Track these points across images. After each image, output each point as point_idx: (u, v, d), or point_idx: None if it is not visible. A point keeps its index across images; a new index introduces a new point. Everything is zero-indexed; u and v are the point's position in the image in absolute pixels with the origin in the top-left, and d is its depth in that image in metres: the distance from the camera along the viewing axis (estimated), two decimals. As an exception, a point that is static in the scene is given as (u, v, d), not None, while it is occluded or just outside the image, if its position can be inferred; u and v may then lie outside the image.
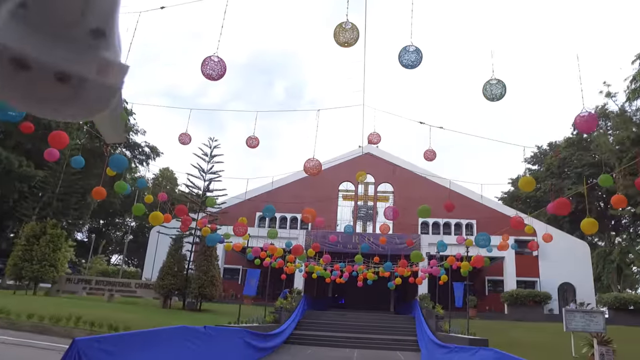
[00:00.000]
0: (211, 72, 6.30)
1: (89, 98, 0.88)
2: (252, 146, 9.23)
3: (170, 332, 8.06)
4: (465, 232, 36.37)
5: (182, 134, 9.30)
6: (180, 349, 8.31)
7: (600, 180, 8.22)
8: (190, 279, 25.20)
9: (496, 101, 6.70)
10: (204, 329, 9.73)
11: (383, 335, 22.42)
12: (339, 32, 5.90)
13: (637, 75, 30.76)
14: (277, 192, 38.88)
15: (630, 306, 29.35)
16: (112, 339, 6.16)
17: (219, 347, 10.53)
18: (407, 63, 6.31)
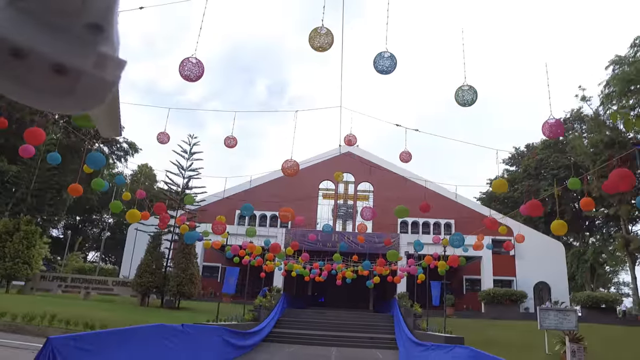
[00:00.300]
0: (189, 74, 6.27)
1: (86, 91, 0.87)
2: (230, 146, 9.22)
3: (148, 330, 8.02)
4: (443, 232, 36.82)
5: (160, 133, 9.23)
6: (158, 347, 8.26)
7: (569, 184, 8.46)
8: (168, 277, 24.97)
9: (468, 106, 6.86)
10: (182, 327, 9.69)
11: (362, 334, 22.58)
12: (314, 37, 5.95)
13: (611, 80, 31.51)
14: (256, 190, 38.80)
15: (602, 305, 30.10)
16: (88, 337, 6.10)
17: (197, 345, 10.50)
18: (381, 69, 6.40)
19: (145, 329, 7.94)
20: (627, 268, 40.51)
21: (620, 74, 30.71)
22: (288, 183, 34.76)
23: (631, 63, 30.01)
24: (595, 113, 35.14)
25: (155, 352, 8.12)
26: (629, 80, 29.51)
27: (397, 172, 36.57)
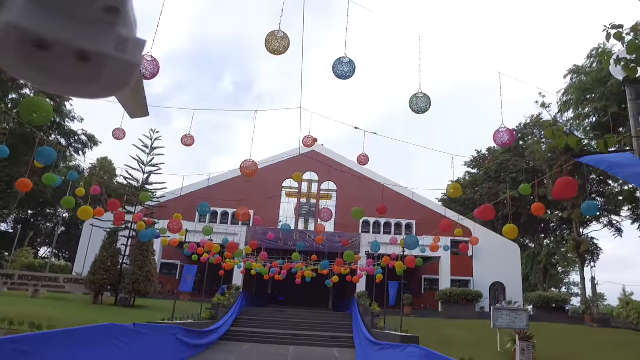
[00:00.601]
0: (144, 72, 6.08)
1: (112, 76, 0.89)
2: (188, 144, 9.02)
3: (97, 331, 7.74)
4: (404, 232, 37.29)
5: (116, 129, 8.94)
6: (108, 348, 8.00)
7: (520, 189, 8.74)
8: (124, 274, 24.29)
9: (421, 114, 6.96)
10: (134, 327, 9.44)
11: (320, 332, 22.63)
12: (270, 40, 5.91)
13: (568, 88, 32.70)
14: (219, 187, 38.30)
15: (553, 304, 31.21)
16: (29, 339, 5.82)
17: (150, 345, 10.24)
18: (340, 74, 6.41)
19: (94, 329, 7.66)
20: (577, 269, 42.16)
21: (577, 83, 31.93)
22: (251, 180, 34.44)
23: (587, 73, 31.23)
24: (554, 119, 36.42)
25: (105, 353, 7.86)
26: (585, 89, 30.69)
27: (360, 172, 36.78)
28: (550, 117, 37.06)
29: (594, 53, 31.26)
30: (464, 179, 52.92)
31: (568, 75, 33.49)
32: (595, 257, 38.96)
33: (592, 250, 37.95)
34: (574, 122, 34.31)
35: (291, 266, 25.19)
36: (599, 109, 29.97)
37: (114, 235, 25.24)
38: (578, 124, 33.69)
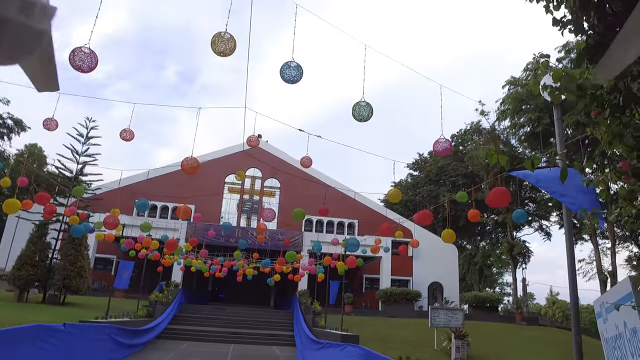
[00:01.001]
0: (80, 64, 5.80)
1: (13, 42, 0.82)
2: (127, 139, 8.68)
3: (21, 333, 7.30)
4: (346, 231, 37.77)
5: (47, 119, 8.44)
6: (34, 351, 7.57)
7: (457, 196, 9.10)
8: (53, 270, 23.03)
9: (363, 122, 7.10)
10: (64, 327, 9.00)
11: (261, 330, 22.52)
12: (216, 41, 5.81)
13: (506, 98, 34.35)
14: (159, 180, 37.21)
15: (487, 304, 32.64)
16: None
17: (81, 346, 9.80)
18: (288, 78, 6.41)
19: (18, 331, 7.22)
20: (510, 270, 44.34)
21: (514, 94, 33.60)
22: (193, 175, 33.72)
23: (523, 85, 32.92)
24: (492, 127, 38.09)
25: (31, 357, 7.44)
26: (520, 100, 32.34)
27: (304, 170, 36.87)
28: (489, 125, 38.74)
29: (529, 66, 32.99)
30: (406, 180, 54.23)
31: (506, 85, 35.18)
32: (527, 259, 41.16)
33: (524, 253, 40.05)
34: (510, 131, 36.04)
35: (232, 264, 24.87)
36: (532, 119, 31.65)
37: (43, 229, 23.85)
38: (514, 132, 35.41)
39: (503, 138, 37.17)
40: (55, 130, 8.47)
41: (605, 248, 38.65)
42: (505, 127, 36.92)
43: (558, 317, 33.59)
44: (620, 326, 3.52)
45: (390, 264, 35.70)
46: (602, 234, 37.20)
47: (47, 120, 8.45)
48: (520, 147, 36.48)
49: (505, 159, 2.98)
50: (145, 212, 34.62)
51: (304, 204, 36.01)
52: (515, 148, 36.92)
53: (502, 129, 37.42)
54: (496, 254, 45.66)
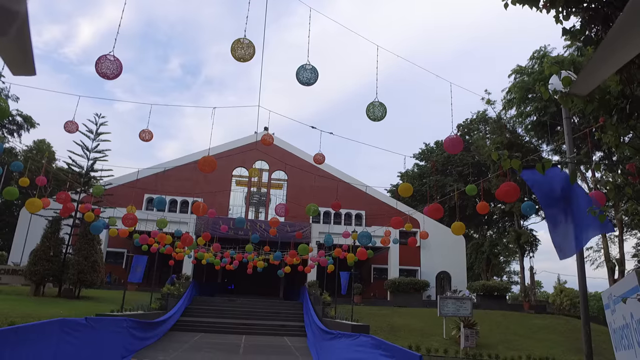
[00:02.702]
0: (106, 71, 5.99)
1: None
2: (146, 140, 8.90)
3: (47, 327, 7.58)
4: (354, 222, 37.98)
5: (68, 122, 8.64)
6: (59, 344, 7.86)
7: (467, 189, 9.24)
8: (68, 264, 23.45)
9: (378, 121, 7.25)
10: (85, 321, 9.29)
11: (271, 321, 22.85)
12: (236, 47, 5.95)
13: (512, 87, 34.21)
14: (167, 174, 37.48)
15: (495, 292, 32.80)
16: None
17: (102, 338, 10.11)
18: (304, 80, 6.57)
19: (44, 326, 7.49)
20: (517, 259, 44.42)
21: (520, 83, 33.46)
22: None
23: (530, 74, 32.79)
24: (498, 116, 37.99)
25: (57, 349, 7.72)
26: (527, 89, 32.21)
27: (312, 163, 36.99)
28: (495, 114, 38.65)
29: (536, 55, 32.82)
30: (412, 171, 54.28)
31: (512, 74, 35.05)
32: (534, 248, 41.18)
33: (531, 241, 40.06)
34: (517, 120, 35.95)
35: (243, 256, 25.18)
36: (539, 108, 31.56)
37: (57, 224, 24.26)
38: (520, 121, 35.33)
39: (509, 127, 37.08)
40: (74, 133, 8.66)
41: (613, 236, 38.65)
42: (511, 116, 36.81)
43: (566, 305, 33.76)
44: (627, 317, 3.72)
45: (398, 254, 35.90)
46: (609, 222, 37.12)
47: (67, 123, 8.64)
48: (527, 135, 36.38)
49: (518, 163, 3.14)
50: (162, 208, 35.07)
51: (311, 195, 36.39)
52: (522, 137, 36.85)
53: (508, 118, 37.31)
54: (503, 243, 45.72)
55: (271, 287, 36.92)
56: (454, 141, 7.40)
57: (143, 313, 17.02)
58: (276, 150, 37.99)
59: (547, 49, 32.09)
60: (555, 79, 4.03)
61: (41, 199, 11.49)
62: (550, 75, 3.47)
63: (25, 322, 8.25)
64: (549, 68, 3.25)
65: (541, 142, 34.78)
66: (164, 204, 13.43)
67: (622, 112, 2.79)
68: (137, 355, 12.43)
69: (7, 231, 49.26)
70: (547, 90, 3.24)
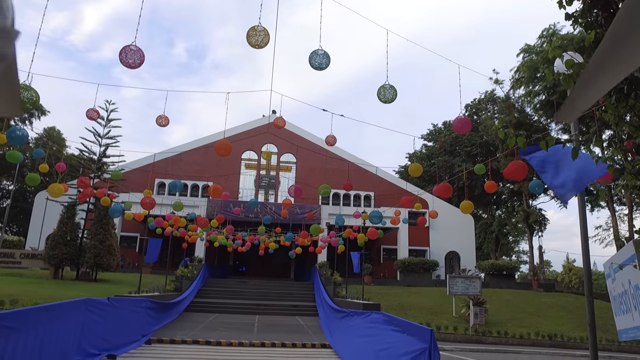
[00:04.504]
0: (130, 61, 6.22)
1: None
2: (162, 125, 9.15)
3: (75, 305, 7.96)
4: (363, 203, 38.22)
5: (90, 109, 8.92)
6: (85, 321, 8.25)
7: (475, 169, 9.42)
8: (84, 248, 24.05)
9: (389, 103, 7.44)
10: (108, 300, 9.68)
11: (283, 302, 23.31)
12: (251, 35, 6.12)
13: (520, 67, 33.96)
14: (177, 158, 37.87)
15: (504, 271, 33.09)
16: (11, 315, 5.98)
17: (123, 317, 10.52)
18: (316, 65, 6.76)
19: (72, 304, 7.87)
20: (526, 238, 44.57)
21: (529, 62, 33.21)
22: (211, 152, 34.28)
23: (538, 52, 32.50)
24: (506, 96, 37.81)
25: (83, 325, 8.11)
26: (535, 68, 31.98)
27: (320, 145, 37.14)
28: (503, 94, 38.45)
29: (545, 34, 32.50)
30: (421, 151, 54.27)
31: (520, 54, 34.77)
32: (543, 227, 41.31)
33: (540, 221, 40.17)
34: (525, 99, 35.75)
35: (255, 238, 25.59)
36: (548, 87, 31.38)
37: (72, 209, 24.78)
38: (529, 100, 35.14)
39: (518, 107, 36.89)
40: (96, 119, 8.93)
41: (623, 214, 38.63)
42: (520, 96, 36.60)
43: (575, 283, 33.99)
44: (626, 284, 3.97)
45: (408, 235, 36.16)
46: (619, 200, 37.13)
47: (90, 110, 8.92)
48: (536, 115, 36.21)
49: (523, 140, 3.34)
50: (168, 187, 35.56)
51: (320, 177, 36.67)
52: (530, 116, 36.68)
53: (516, 98, 37.10)
54: (512, 223, 45.83)
55: (282, 269, 37.42)
56: (463, 121, 7.57)
57: (159, 294, 17.48)
58: (285, 133, 38.14)
59: (557, 27, 31.74)
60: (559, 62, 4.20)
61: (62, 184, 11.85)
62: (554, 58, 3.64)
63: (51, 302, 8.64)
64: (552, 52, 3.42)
65: (550, 121, 34.61)
66: (180, 188, 13.73)
67: (621, 92, 2.97)
68: (155, 334, 12.88)
69: (22, 217, 50.15)
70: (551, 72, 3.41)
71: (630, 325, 3.99)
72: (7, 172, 46.65)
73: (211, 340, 12.58)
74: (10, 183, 52.12)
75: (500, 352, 15.47)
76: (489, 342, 17.31)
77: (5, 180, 52.71)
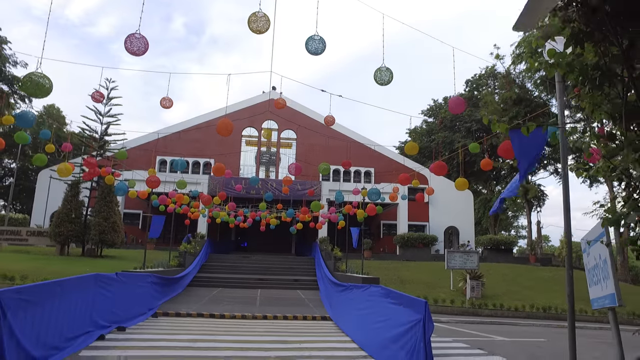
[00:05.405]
0: (135, 49, 6.41)
1: None
2: (167, 107, 9.37)
3: (85, 280, 8.33)
4: (363, 179, 38.53)
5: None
6: (96, 296, 8.65)
7: (470, 147, 9.66)
8: (89, 225, 24.49)
9: (385, 85, 7.65)
10: (116, 276, 10.06)
11: (285, 276, 23.85)
12: (253, 20, 6.31)
13: (521, 42, 33.83)
14: (178, 135, 37.98)
15: (502, 246, 33.60)
16: (30, 289, 6.35)
17: (131, 291, 10.94)
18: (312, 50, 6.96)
19: (83, 279, 8.24)
20: (525, 213, 45.01)
21: (530, 37, 33.06)
22: (210, 129, 34.41)
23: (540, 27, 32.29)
24: (507, 71, 37.71)
25: (94, 299, 8.51)
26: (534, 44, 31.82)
27: (320, 121, 37.15)
28: (504, 69, 38.33)
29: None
30: (421, 127, 54.27)
31: (522, 28, 34.57)
32: (542, 203, 41.71)
33: (539, 196, 40.54)
34: (526, 75, 35.68)
35: (257, 214, 25.96)
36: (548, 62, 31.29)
37: (76, 187, 25.13)
38: (529, 76, 35.08)
39: (518, 82, 36.83)
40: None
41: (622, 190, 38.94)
42: (520, 71, 36.51)
43: (581, 256, 34.50)
44: (597, 258, 4.31)
45: (407, 210, 36.56)
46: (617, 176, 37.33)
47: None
48: (536, 90, 36.17)
49: (505, 126, 3.59)
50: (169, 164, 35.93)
51: (320, 153, 36.92)
52: (531, 92, 36.64)
53: (517, 73, 36.99)
54: (511, 198, 46.16)
55: (283, 244, 37.97)
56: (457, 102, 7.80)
57: (163, 270, 17.95)
58: (285, 110, 37.97)
59: None
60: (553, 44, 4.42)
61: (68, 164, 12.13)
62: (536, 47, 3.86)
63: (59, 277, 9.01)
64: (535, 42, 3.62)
65: (550, 97, 34.63)
66: (184, 166, 14.01)
67: (593, 82, 3.21)
68: (161, 308, 13.34)
69: (25, 195, 50.61)
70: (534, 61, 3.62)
71: (600, 294, 4.36)
72: (9, 150, 46.86)
73: (215, 313, 13.05)
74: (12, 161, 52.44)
75: (495, 324, 15.95)
76: (484, 315, 17.79)
77: (6, 159, 52.99)
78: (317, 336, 10.39)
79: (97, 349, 7.40)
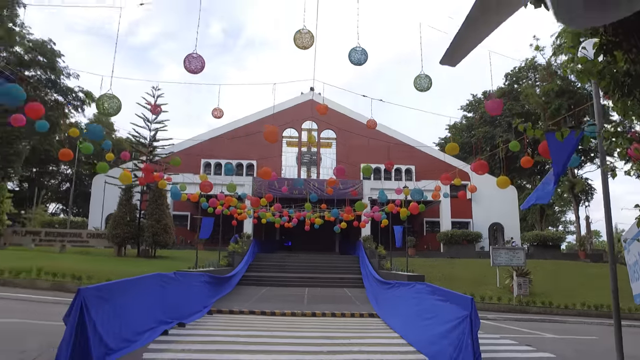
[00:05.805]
0: (192, 67, 7.02)
1: None
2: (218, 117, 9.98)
3: (148, 278, 9.04)
4: (404, 177, 38.48)
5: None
6: (157, 293, 9.34)
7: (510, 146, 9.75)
8: (143, 228, 25.77)
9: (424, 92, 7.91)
10: (174, 275, 10.76)
11: (330, 275, 24.24)
12: (298, 37, 6.74)
13: (562, 32, 32.94)
14: (221, 138, 38.96)
15: (549, 242, 32.84)
16: (106, 287, 7.03)
17: (187, 290, 11.64)
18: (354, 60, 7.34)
19: (147, 278, 8.94)
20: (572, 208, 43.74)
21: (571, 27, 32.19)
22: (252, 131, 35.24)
23: (564, 31, 31.43)
24: (548, 63, 36.76)
25: (155, 296, 9.19)
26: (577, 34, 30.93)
27: (360, 121, 37.41)
28: (545, 60, 37.39)
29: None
30: (461, 122, 53.56)
31: (563, 17, 33.64)
32: (590, 197, 40.41)
33: (587, 190, 39.32)
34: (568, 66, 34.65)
35: (302, 214, 26.51)
36: (593, 52, 30.36)
37: (129, 192, 26.45)
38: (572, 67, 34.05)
39: (560, 74, 35.85)
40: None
41: (677, 181, 37.25)
42: (562, 62, 35.53)
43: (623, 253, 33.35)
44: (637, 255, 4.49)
45: (450, 208, 36.26)
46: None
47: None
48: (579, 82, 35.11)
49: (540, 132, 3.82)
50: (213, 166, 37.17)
51: (360, 152, 37.15)
52: (574, 83, 35.59)
53: (559, 65, 35.99)
54: (557, 193, 44.97)
55: (327, 243, 38.38)
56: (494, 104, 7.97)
57: (214, 269, 18.72)
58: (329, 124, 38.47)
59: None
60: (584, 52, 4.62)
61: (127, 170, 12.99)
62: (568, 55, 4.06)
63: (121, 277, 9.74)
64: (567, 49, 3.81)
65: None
66: (232, 171, 14.67)
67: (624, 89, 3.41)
68: (214, 305, 14.01)
69: (80, 200, 53.26)
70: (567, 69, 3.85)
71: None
72: (65, 157, 49.25)
73: (266, 310, 13.61)
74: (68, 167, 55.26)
75: (545, 321, 15.78)
76: (532, 312, 17.62)
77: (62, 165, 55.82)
78: (366, 332, 10.74)
79: (163, 343, 8.02)
